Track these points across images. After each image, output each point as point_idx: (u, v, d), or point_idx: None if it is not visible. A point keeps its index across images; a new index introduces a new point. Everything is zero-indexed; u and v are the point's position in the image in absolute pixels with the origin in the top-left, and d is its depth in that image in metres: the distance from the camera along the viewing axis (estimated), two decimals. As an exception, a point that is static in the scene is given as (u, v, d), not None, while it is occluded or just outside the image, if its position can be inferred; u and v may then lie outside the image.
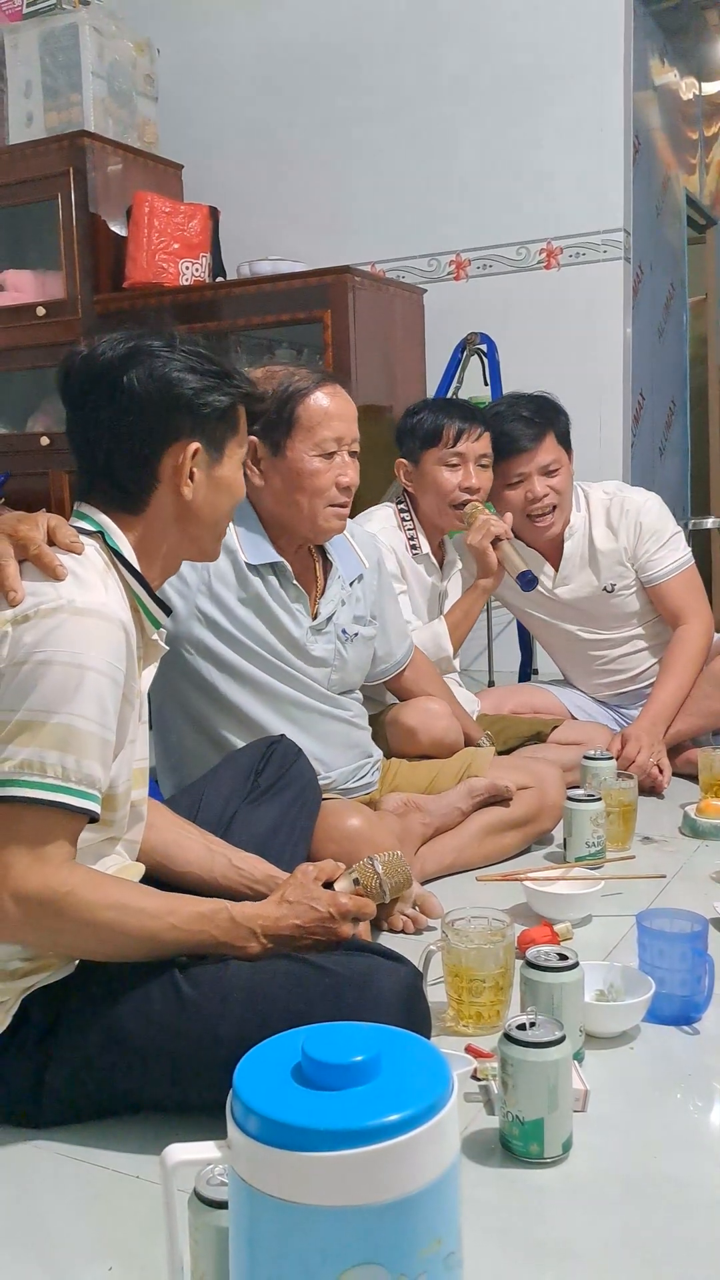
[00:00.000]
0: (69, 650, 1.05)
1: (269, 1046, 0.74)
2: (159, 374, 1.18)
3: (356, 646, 1.84)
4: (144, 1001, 1.11)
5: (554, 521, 2.33)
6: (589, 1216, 1.01)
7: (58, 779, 1.04)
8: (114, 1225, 1.01)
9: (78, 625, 1.06)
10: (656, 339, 3.88)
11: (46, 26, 3.31)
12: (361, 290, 3.05)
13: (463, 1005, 1.33)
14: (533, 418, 2.29)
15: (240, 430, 1.27)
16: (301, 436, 1.66)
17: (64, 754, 1.04)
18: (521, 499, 2.30)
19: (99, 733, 1.06)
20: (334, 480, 1.68)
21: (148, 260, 3.25)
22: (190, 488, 1.21)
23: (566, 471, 2.33)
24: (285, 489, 1.69)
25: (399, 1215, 0.66)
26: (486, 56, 3.26)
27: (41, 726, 1.03)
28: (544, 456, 2.29)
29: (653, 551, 2.36)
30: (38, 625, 1.06)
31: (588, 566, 2.39)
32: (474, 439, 2.20)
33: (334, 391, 1.70)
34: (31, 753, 1.03)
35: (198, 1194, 0.83)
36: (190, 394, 1.18)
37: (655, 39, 3.82)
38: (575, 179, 3.19)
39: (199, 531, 1.25)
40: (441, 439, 2.19)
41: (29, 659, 1.05)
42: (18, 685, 1.05)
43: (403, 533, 2.26)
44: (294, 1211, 0.65)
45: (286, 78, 3.53)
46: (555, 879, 1.70)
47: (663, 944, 1.36)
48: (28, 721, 1.04)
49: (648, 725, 2.30)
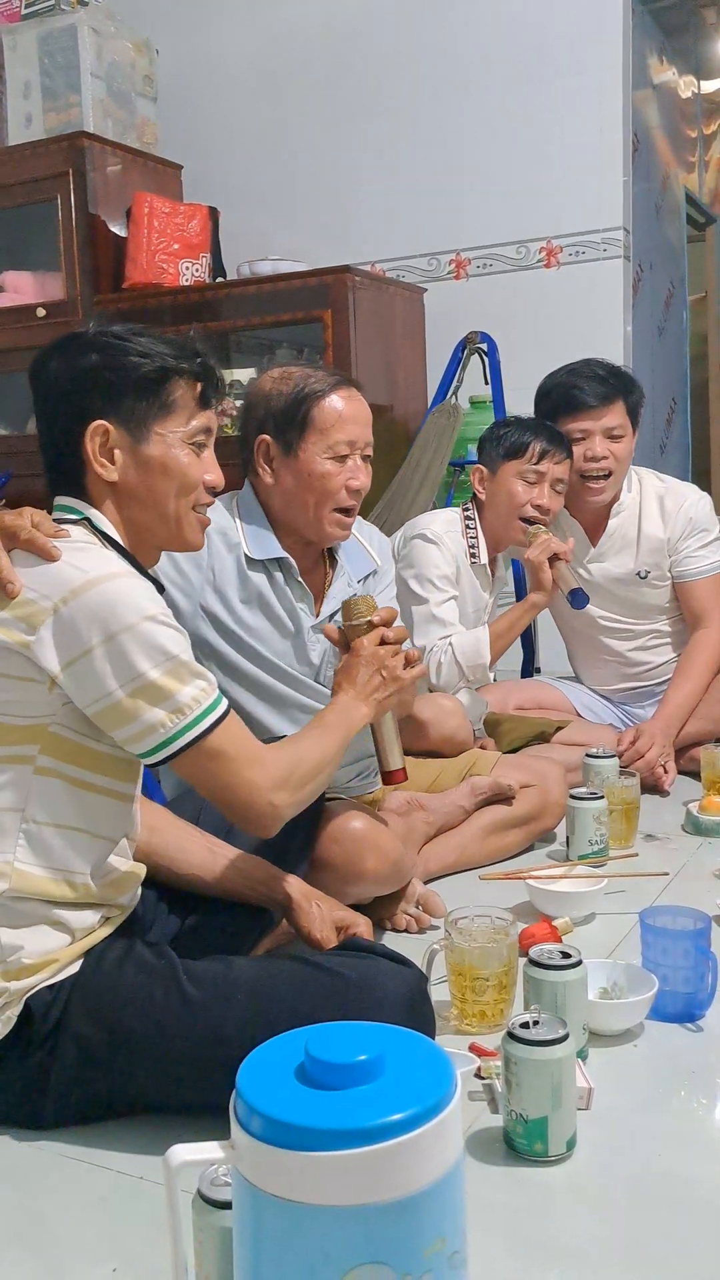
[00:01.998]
0: (121, 618, 1.08)
1: (272, 1046, 0.74)
2: (72, 358, 1.19)
3: None
4: (148, 1001, 1.10)
5: (605, 488, 2.32)
6: (593, 1215, 1.01)
7: (202, 704, 1.13)
8: (117, 1226, 1.01)
9: (113, 590, 1.09)
10: (657, 337, 3.88)
11: (45, 27, 3.31)
12: (361, 290, 3.05)
13: (466, 1004, 1.32)
14: (608, 378, 2.30)
15: (174, 407, 1.20)
16: (314, 438, 1.65)
17: (186, 685, 1.12)
18: (580, 456, 2.28)
19: (188, 650, 1.14)
20: (344, 483, 1.67)
21: (148, 261, 3.25)
22: (110, 469, 1.19)
23: (629, 441, 2.32)
24: (295, 489, 1.68)
25: (403, 1215, 0.66)
26: (485, 56, 3.26)
27: (154, 685, 1.09)
28: (610, 419, 2.28)
29: (694, 548, 2.37)
30: (79, 607, 1.07)
31: (629, 548, 2.39)
32: (556, 461, 2.22)
33: (349, 395, 1.68)
34: (174, 700, 1.11)
35: (201, 1194, 0.83)
36: (97, 371, 1.17)
37: (654, 37, 3.82)
38: (575, 178, 3.19)
39: (145, 515, 1.22)
40: (526, 454, 2.21)
41: (94, 645, 1.07)
42: (100, 671, 1.08)
43: (465, 539, 2.27)
44: (298, 1211, 0.65)
45: (285, 78, 3.53)
46: (558, 877, 1.70)
47: (666, 941, 1.36)
48: (150, 683, 1.09)
49: (662, 725, 2.30)
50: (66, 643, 1.08)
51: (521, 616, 2.25)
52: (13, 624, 1.09)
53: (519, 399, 3.02)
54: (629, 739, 2.29)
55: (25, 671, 1.09)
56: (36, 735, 1.11)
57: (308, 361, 3.19)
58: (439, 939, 1.37)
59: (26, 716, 1.11)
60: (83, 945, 1.15)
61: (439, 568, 2.21)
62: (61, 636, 1.08)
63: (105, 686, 1.08)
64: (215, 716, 1.14)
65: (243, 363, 3.36)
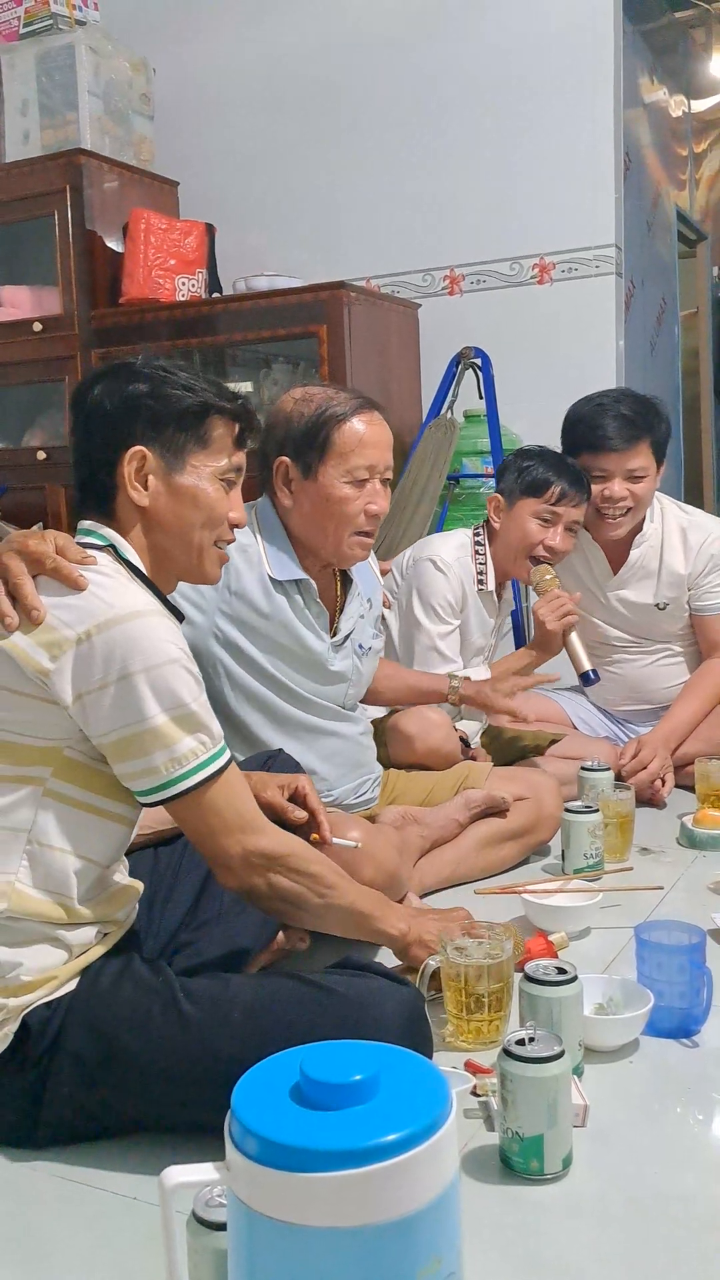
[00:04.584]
0: (142, 656, 1.08)
1: (267, 1066, 0.74)
2: (119, 385, 1.23)
3: (370, 660, 1.86)
4: (145, 1020, 1.10)
5: (622, 524, 2.30)
6: (590, 1233, 1.00)
7: (201, 756, 1.13)
8: (112, 1248, 1.00)
9: (139, 628, 1.09)
10: (649, 352, 3.91)
11: (43, 46, 3.34)
12: (356, 305, 3.06)
13: (462, 1020, 1.32)
14: (633, 419, 2.25)
15: (211, 443, 1.25)
16: (334, 462, 1.65)
17: (194, 734, 1.12)
18: (598, 495, 2.26)
19: (201, 697, 1.14)
20: (363, 508, 1.66)
21: (144, 276, 3.27)
22: (143, 494, 1.21)
23: (652, 480, 2.30)
24: (313, 512, 1.68)
25: (398, 1235, 0.66)
26: (480, 74, 3.29)
27: (168, 726, 1.10)
28: (633, 461, 2.25)
29: (714, 584, 2.36)
30: (102, 643, 1.08)
31: (650, 579, 2.38)
32: (573, 504, 2.20)
33: (371, 418, 1.67)
34: (175, 749, 1.11)
35: (196, 1216, 0.82)
36: (142, 399, 1.21)
37: (644, 57, 3.85)
38: (567, 195, 3.22)
39: (169, 543, 1.24)
40: (545, 494, 2.18)
41: (112, 680, 1.08)
42: (114, 705, 1.08)
43: (474, 565, 2.26)
44: (293, 1233, 0.65)
45: (281, 96, 3.56)
46: (554, 891, 1.70)
47: (661, 956, 1.36)
48: (156, 728, 1.10)
49: (663, 738, 2.31)
50: (83, 675, 1.08)
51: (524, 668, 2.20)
52: (35, 650, 1.09)
53: (513, 413, 3.05)
54: (631, 751, 2.29)
55: (45, 695, 1.10)
56: (50, 758, 1.12)
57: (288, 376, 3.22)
58: (435, 955, 1.37)
59: (43, 738, 1.11)
60: (81, 962, 1.15)
61: (443, 595, 2.21)
62: (80, 668, 1.08)
63: (110, 724, 1.09)
64: (211, 771, 1.13)
65: (238, 377, 3.38)
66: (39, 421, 3.51)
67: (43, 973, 1.12)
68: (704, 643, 2.42)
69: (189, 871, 1.42)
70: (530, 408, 3.05)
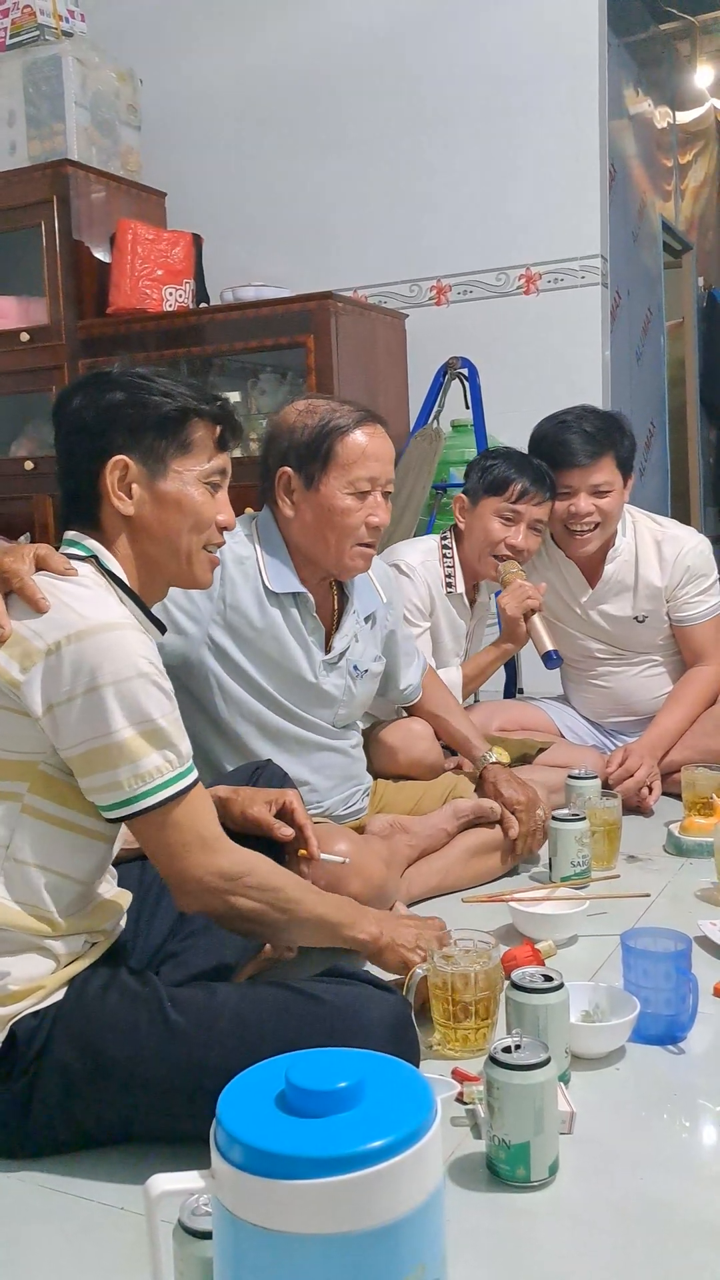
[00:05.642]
0: (112, 669, 1.08)
1: (253, 1074, 0.74)
2: (97, 395, 1.22)
3: (366, 682, 1.85)
4: (131, 1029, 1.10)
5: (591, 539, 2.30)
6: (576, 1240, 1.00)
7: (167, 774, 1.11)
8: (98, 1257, 1.00)
9: (109, 641, 1.09)
10: (635, 362, 3.93)
11: (30, 57, 3.35)
12: (344, 315, 3.08)
13: (449, 1028, 1.32)
14: (595, 434, 2.25)
15: (193, 447, 1.24)
16: (336, 473, 1.65)
17: (161, 751, 1.11)
18: (565, 512, 2.27)
19: (171, 714, 1.13)
20: (364, 519, 1.67)
21: (131, 286, 3.28)
22: (127, 503, 1.21)
23: (618, 495, 2.29)
24: (315, 523, 1.68)
25: (383, 1242, 0.66)
26: (465, 86, 3.31)
27: (133, 741, 1.09)
28: (597, 476, 2.25)
29: (692, 595, 2.36)
30: (71, 654, 1.08)
31: (626, 593, 2.38)
32: (535, 503, 2.20)
33: (374, 431, 1.68)
34: (139, 765, 1.09)
35: (182, 1224, 0.82)
36: (121, 408, 1.20)
37: (629, 69, 3.89)
38: (553, 206, 3.24)
39: (156, 550, 1.24)
40: (506, 492, 2.19)
41: (80, 692, 1.07)
42: (80, 718, 1.07)
43: (442, 568, 2.27)
44: (278, 1240, 0.65)
45: (268, 106, 3.58)
46: (541, 899, 1.70)
47: (647, 963, 1.36)
48: (121, 742, 1.08)
49: (649, 746, 2.31)
50: (52, 686, 1.08)
51: (493, 662, 2.27)
52: (8, 663, 1.09)
53: (499, 423, 3.07)
54: (618, 759, 2.30)
55: (17, 706, 1.10)
56: (26, 772, 1.11)
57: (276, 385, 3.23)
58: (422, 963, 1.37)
59: (18, 752, 1.11)
60: (69, 972, 1.15)
61: (409, 598, 2.22)
62: (49, 680, 1.08)
63: (77, 736, 1.08)
64: (175, 790, 1.12)
65: (226, 387, 3.38)
66: (26, 431, 3.51)
67: (30, 982, 1.12)
68: (687, 652, 2.43)
69: None
70: (517, 417, 3.05)
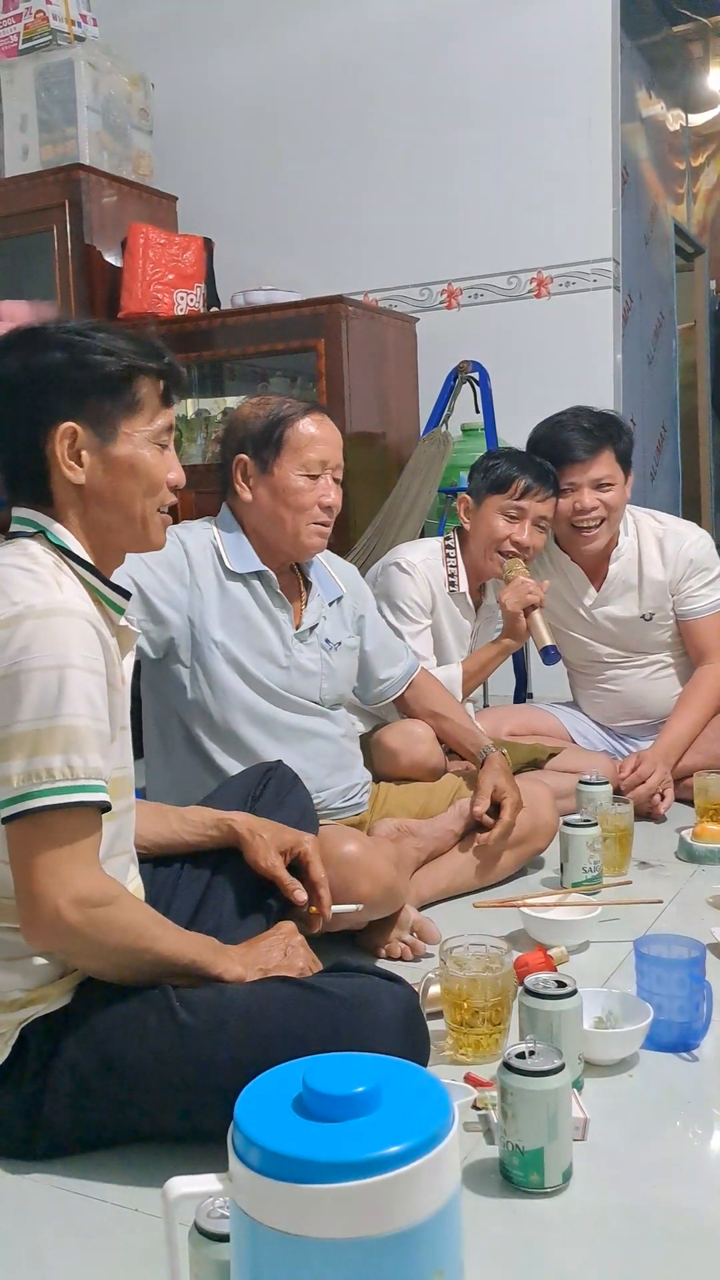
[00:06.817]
0: (42, 654, 1.04)
1: (270, 1078, 0.74)
2: (31, 357, 1.13)
3: (341, 655, 1.87)
4: (141, 1029, 1.10)
5: (599, 535, 2.32)
6: (590, 1246, 1.00)
7: (67, 780, 1.04)
8: (114, 1260, 1.00)
9: (45, 627, 1.05)
10: (646, 366, 3.93)
11: (42, 62, 3.36)
12: (354, 319, 3.08)
13: (461, 1034, 1.32)
14: (593, 430, 2.29)
15: (141, 406, 1.16)
16: (289, 457, 1.75)
17: (67, 754, 1.04)
18: (569, 508, 2.29)
19: (93, 725, 1.06)
20: (317, 499, 1.75)
21: (143, 291, 3.29)
22: (79, 471, 1.14)
23: (620, 490, 2.31)
24: (271, 505, 1.76)
25: (401, 1247, 0.66)
26: (476, 90, 3.32)
27: (37, 735, 1.03)
28: (597, 470, 2.28)
29: (695, 588, 2.37)
30: (4, 637, 1.05)
31: (631, 591, 2.39)
32: (539, 499, 2.23)
33: (321, 419, 1.79)
34: (37, 762, 1.03)
35: (199, 1227, 0.82)
36: (63, 370, 1.12)
37: (642, 72, 3.89)
38: (565, 209, 3.24)
39: (110, 517, 1.17)
40: (509, 489, 2.22)
41: (5, 673, 1.04)
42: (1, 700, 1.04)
43: (445, 568, 2.29)
44: (296, 1244, 0.65)
45: (279, 112, 3.59)
46: (552, 905, 1.70)
47: (660, 970, 1.36)
48: (23, 733, 1.03)
49: (662, 752, 2.31)
50: None
51: (494, 659, 2.27)
52: None
53: (510, 427, 3.06)
54: (630, 766, 2.29)
55: None
56: None
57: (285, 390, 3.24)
58: (434, 968, 1.37)
59: None
60: (77, 976, 1.15)
61: (409, 595, 2.23)
62: None
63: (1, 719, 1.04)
64: (62, 800, 1.03)
65: (236, 391, 3.39)
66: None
67: (38, 988, 1.12)
68: (692, 650, 2.42)
69: (186, 887, 1.41)
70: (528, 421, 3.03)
